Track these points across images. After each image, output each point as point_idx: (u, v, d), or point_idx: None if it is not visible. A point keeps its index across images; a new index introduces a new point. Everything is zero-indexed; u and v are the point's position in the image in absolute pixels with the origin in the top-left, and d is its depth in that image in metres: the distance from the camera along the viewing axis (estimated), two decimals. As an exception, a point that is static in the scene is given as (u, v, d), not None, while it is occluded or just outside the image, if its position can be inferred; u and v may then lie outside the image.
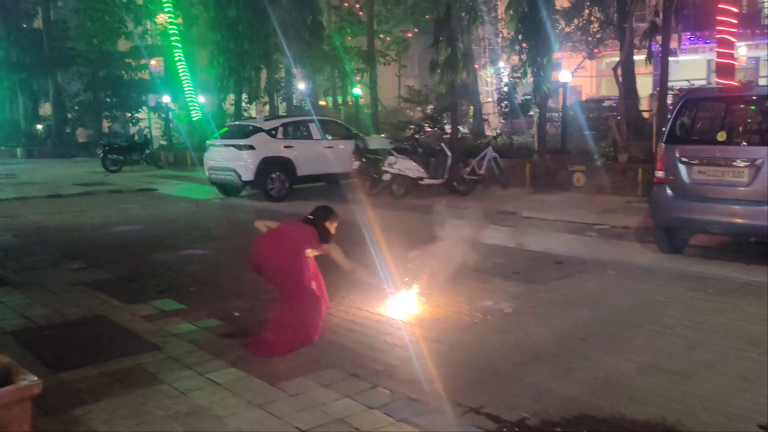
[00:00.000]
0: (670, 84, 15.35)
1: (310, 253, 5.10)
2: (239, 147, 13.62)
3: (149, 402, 4.03)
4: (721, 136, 7.12)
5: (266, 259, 4.91)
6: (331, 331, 5.26)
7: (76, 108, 34.55)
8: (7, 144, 32.22)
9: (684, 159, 7.29)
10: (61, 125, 32.50)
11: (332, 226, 5.24)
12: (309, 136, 14.57)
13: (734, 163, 6.89)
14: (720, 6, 12.48)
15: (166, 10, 26.83)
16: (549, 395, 4.02)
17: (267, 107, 26.20)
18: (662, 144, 7.65)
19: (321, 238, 5.09)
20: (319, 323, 5.03)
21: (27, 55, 31.00)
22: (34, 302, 6.27)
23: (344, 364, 4.56)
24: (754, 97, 7.72)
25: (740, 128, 7.49)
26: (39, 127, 31.82)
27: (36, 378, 3.07)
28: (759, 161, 6.71)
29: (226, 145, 14.00)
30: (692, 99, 7.92)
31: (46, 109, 35.47)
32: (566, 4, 22.43)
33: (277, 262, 4.88)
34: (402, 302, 5.68)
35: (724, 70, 12.75)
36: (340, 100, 29.55)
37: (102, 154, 21.57)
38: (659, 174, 7.59)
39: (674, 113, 7.70)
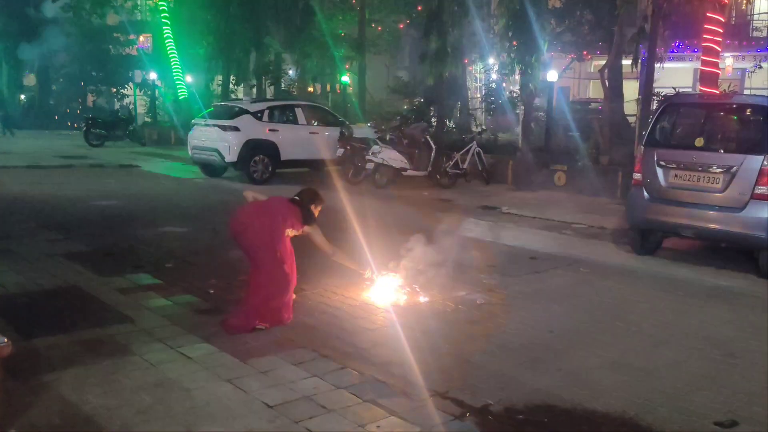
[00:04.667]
0: (655, 90, 15.46)
1: (291, 232, 5.15)
2: (224, 128, 13.56)
3: (119, 372, 4.06)
4: (699, 141, 7.22)
5: (245, 227, 4.97)
6: (305, 312, 5.31)
7: (61, 80, 34.06)
8: None
9: (662, 162, 7.40)
10: (45, 97, 32.02)
11: (316, 210, 5.31)
12: (295, 121, 14.54)
13: (710, 169, 7.02)
14: (708, 15, 12.59)
15: (157, -15, 26.52)
16: (514, 384, 4.11)
17: (255, 90, 26.03)
18: (641, 147, 7.77)
19: (304, 220, 5.15)
20: (289, 303, 5.08)
21: (13, 23, 30.42)
22: (8, 270, 6.25)
23: (315, 344, 4.62)
24: (733, 106, 7.84)
25: (718, 135, 7.60)
26: (22, 97, 31.27)
27: (6, 339, 3.09)
28: (734, 168, 6.84)
29: (211, 125, 13.92)
30: (673, 104, 8.04)
31: (30, 79, 34.90)
32: (558, 5, 22.43)
33: (256, 232, 4.93)
34: (378, 288, 5.75)
35: (708, 78, 12.86)
36: (328, 87, 29.44)
37: (85, 128, 21.36)
38: (636, 176, 7.70)
39: (655, 117, 7.82)
